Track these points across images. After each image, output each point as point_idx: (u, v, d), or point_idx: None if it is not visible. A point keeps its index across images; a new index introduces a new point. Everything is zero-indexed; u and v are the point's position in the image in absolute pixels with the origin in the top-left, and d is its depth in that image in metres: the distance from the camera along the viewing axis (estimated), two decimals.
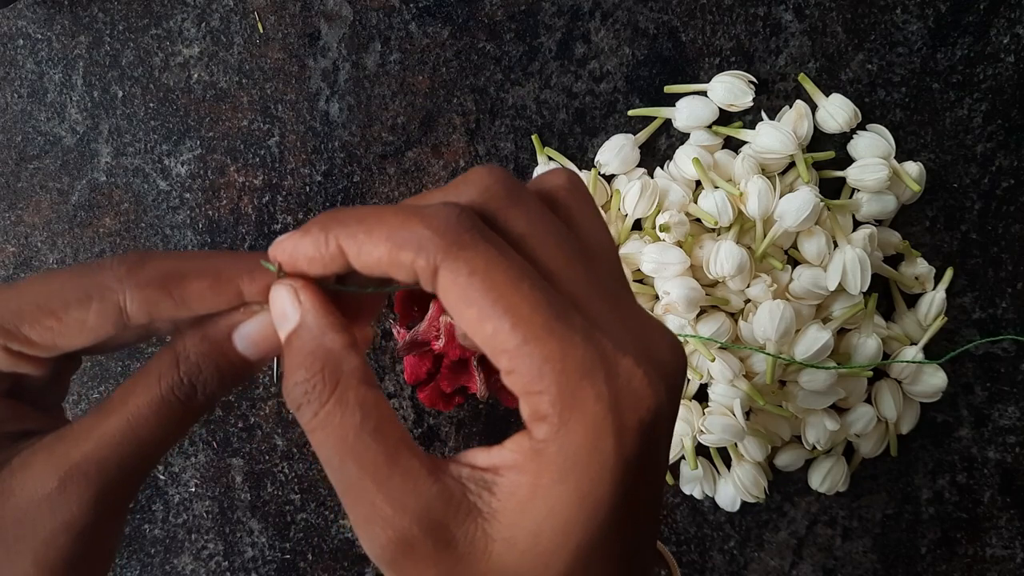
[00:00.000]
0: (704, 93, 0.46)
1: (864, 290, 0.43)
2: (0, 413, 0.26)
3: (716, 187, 0.44)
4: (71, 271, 0.26)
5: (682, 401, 0.46)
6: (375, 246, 0.23)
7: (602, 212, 0.45)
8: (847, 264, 0.43)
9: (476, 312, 0.21)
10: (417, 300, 0.46)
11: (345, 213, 0.24)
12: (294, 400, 0.23)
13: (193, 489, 0.49)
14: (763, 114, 0.46)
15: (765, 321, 0.43)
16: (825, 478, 0.47)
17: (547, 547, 0.21)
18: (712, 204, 0.44)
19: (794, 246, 0.45)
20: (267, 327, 0.27)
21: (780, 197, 0.43)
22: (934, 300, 0.46)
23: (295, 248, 0.24)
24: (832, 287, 0.43)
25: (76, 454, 0.25)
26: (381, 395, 0.23)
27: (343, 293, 0.26)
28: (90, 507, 0.25)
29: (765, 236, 0.44)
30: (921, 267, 0.46)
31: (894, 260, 0.47)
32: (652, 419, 0.22)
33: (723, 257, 0.43)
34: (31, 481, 0.25)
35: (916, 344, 0.46)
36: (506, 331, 0.21)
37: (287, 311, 0.24)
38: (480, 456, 0.23)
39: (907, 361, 0.46)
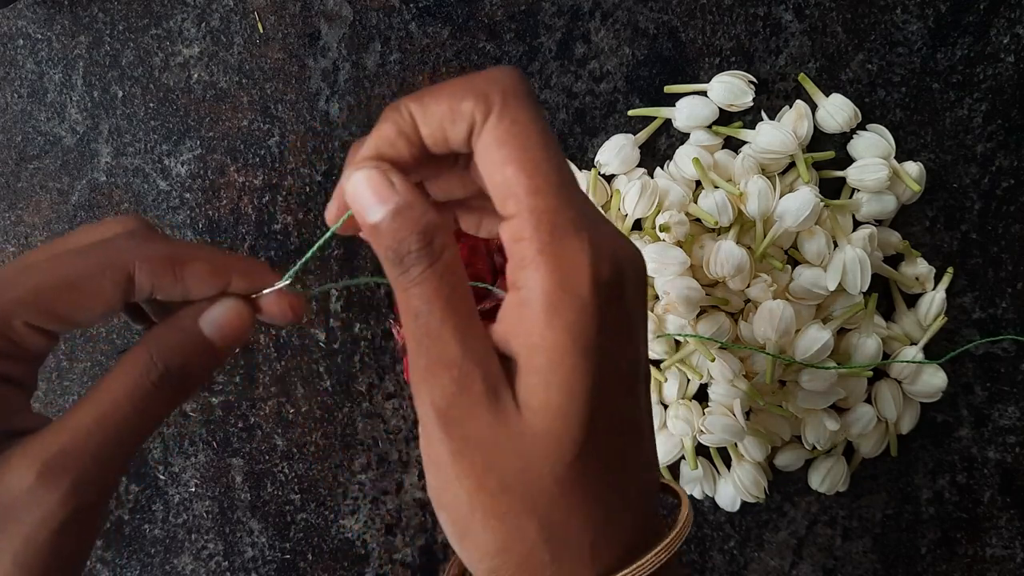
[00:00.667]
0: (704, 93, 0.46)
1: (864, 290, 0.43)
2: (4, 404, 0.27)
3: (716, 187, 0.44)
4: (81, 246, 0.28)
5: (682, 401, 0.46)
6: (438, 103, 0.25)
7: (602, 212, 0.45)
8: (847, 264, 0.43)
9: (505, 155, 0.24)
10: None
11: (414, 92, 0.26)
12: (407, 259, 0.25)
13: (193, 489, 0.49)
14: (763, 114, 0.46)
15: (765, 321, 0.43)
16: (825, 478, 0.47)
17: (565, 390, 0.24)
18: (712, 204, 0.44)
19: (794, 246, 0.45)
20: (230, 312, 0.29)
21: (780, 197, 0.43)
22: (934, 300, 0.46)
23: (377, 135, 0.26)
24: (832, 287, 0.43)
25: (53, 447, 0.26)
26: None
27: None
28: (68, 499, 0.25)
29: (765, 236, 0.44)
30: (921, 267, 0.46)
31: (894, 260, 0.47)
32: (617, 277, 0.25)
33: (723, 257, 0.43)
34: (8, 477, 0.25)
35: (916, 344, 0.46)
36: (523, 179, 0.24)
37: (383, 193, 0.25)
38: (496, 331, 0.26)
39: (907, 361, 0.46)
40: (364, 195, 0.25)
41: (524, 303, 0.24)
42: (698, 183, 0.45)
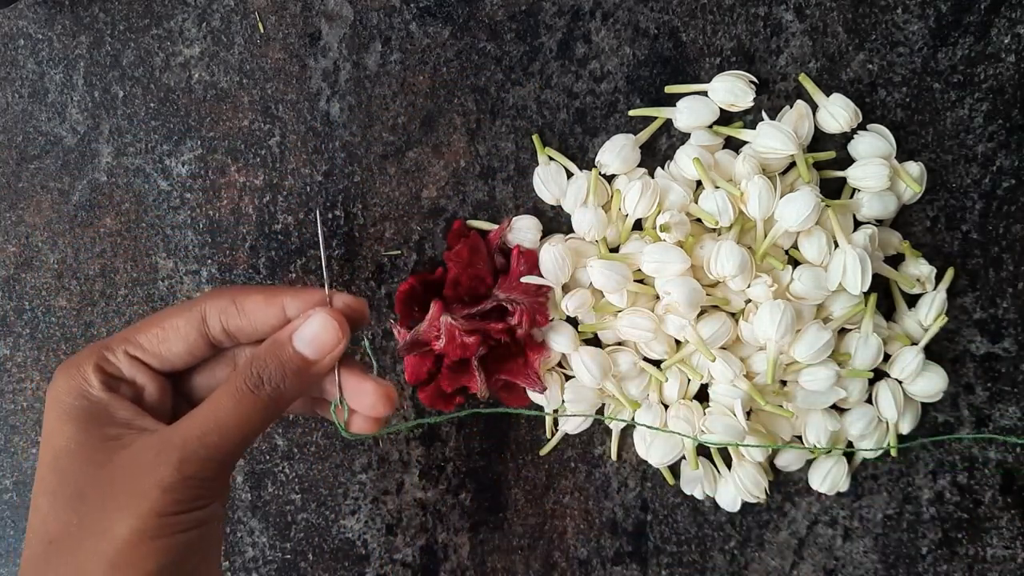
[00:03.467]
0: (705, 93, 0.46)
1: (864, 290, 0.43)
2: (123, 411, 0.35)
3: (717, 187, 0.44)
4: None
5: (682, 401, 0.46)
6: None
7: (603, 212, 0.45)
8: (847, 264, 0.43)
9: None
10: (418, 300, 0.46)
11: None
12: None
13: None
14: (764, 114, 0.46)
15: (766, 321, 0.43)
16: (825, 478, 0.47)
17: None
18: (713, 204, 0.44)
19: (794, 246, 0.45)
20: (317, 327, 0.37)
21: (781, 197, 0.43)
22: (935, 300, 0.46)
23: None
24: (832, 287, 0.43)
25: (169, 433, 0.34)
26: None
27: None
28: (175, 469, 0.33)
29: (766, 236, 0.44)
30: (922, 267, 0.46)
31: (895, 260, 0.47)
32: None
33: (724, 257, 0.42)
34: (137, 451, 0.34)
35: (917, 344, 0.46)
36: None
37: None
38: None
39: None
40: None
41: None
42: (699, 183, 0.45)
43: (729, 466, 0.47)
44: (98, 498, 0.33)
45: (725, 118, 0.46)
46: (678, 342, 0.46)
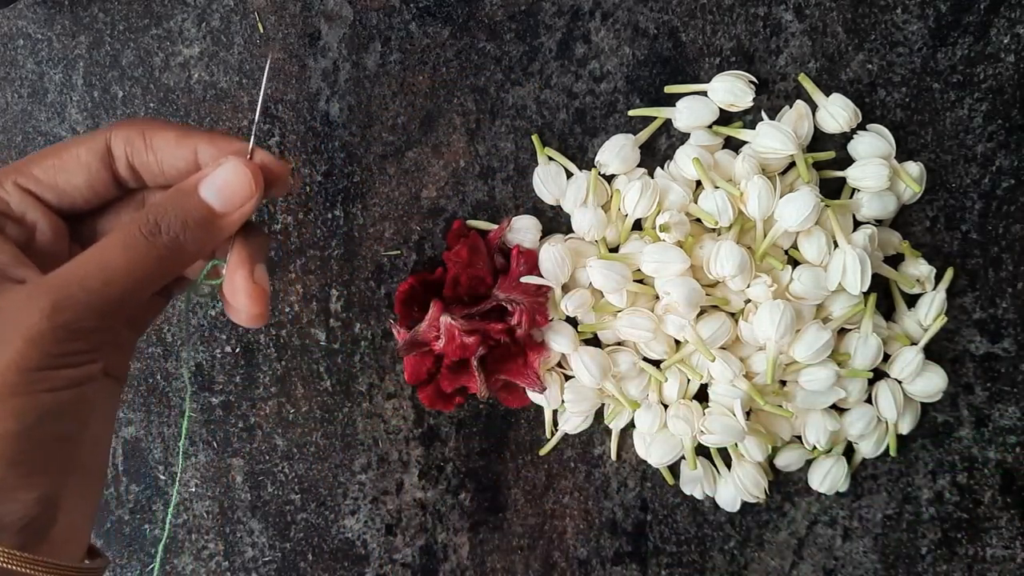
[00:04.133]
0: (704, 93, 0.46)
1: (864, 290, 0.43)
2: (5, 254, 0.31)
3: (716, 187, 0.44)
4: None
5: (682, 401, 0.46)
6: None
7: (602, 212, 0.45)
8: (847, 264, 0.43)
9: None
10: (417, 300, 0.46)
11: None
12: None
13: (193, 489, 0.49)
14: (763, 114, 0.46)
15: (766, 321, 0.43)
16: (825, 478, 0.47)
17: None
18: (712, 204, 0.44)
19: (794, 246, 0.45)
20: (228, 174, 0.32)
21: (780, 197, 0.43)
22: (934, 300, 0.46)
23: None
24: (832, 287, 0.43)
25: (45, 278, 0.29)
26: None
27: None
28: (46, 316, 0.28)
29: (765, 236, 0.44)
30: (921, 267, 0.46)
31: (894, 260, 0.47)
32: None
33: (723, 257, 0.42)
34: (6, 299, 0.29)
35: (916, 344, 0.46)
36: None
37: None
38: None
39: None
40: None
41: None
42: (698, 183, 0.45)
43: (729, 466, 0.47)
44: None
45: (725, 118, 0.46)
46: (678, 342, 0.46)
